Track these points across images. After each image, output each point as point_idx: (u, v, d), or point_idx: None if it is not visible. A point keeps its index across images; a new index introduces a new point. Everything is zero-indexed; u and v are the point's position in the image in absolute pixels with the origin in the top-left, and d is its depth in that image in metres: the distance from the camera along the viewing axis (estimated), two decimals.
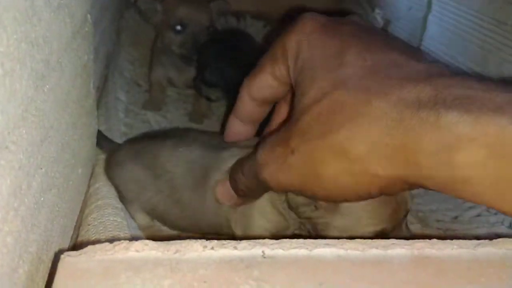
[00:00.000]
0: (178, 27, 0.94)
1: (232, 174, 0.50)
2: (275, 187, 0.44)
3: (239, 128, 0.53)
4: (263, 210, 0.54)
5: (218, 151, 0.57)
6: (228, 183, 0.51)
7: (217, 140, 0.62)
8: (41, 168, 0.37)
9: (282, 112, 0.51)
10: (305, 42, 0.43)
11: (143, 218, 0.63)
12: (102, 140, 0.68)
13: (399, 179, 0.37)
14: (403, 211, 0.50)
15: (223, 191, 0.51)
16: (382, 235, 0.49)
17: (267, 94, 0.49)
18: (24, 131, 0.33)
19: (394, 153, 0.36)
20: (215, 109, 0.99)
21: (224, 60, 0.88)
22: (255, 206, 0.54)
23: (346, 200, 0.42)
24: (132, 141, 0.72)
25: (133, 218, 0.61)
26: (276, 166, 0.43)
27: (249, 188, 0.48)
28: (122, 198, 0.62)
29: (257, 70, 0.49)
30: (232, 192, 0.50)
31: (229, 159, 0.54)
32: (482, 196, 0.34)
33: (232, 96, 0.91)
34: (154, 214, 0.62)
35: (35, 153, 0.36)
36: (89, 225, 0.52)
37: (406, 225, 0.53)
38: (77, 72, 0.50)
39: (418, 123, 0.35)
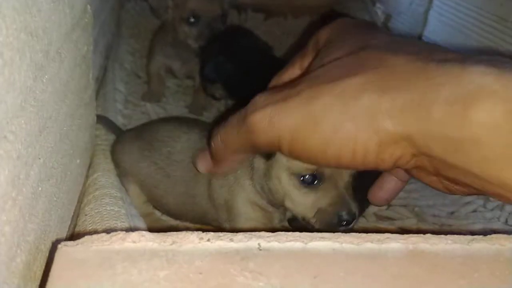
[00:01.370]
0: (192, 19, 0.93)
1: (212, 135, 0.47)
2: (261, 132, 0.41)
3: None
4: (246, 210, 0.56)
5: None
6: (206, 151, 0.49)
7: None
8: (39, 158, 0.38)
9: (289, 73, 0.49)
10: (335, 32, 0.44)
11: (137, 195, 0.66)
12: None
13: (406, 138, 0.36)
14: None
15: (201, 157, 0.50)
16: (319, 176, 0.51)
17: None
18: (22, 121, 0.33)
19: (408, 104, 0.34)
20: (215, 101, 0.99)
21: (223, 56, 0.88)
22: (238, 207, 0.56)
23: (338, 163, 0.39)
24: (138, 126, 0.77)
25: (129, 194, 0.64)
26: (274, 107, 0.40)
27: (227, 141, 0.45)
28: (120, 174, 0.65)
29: (288, 64, 0.49)
30: (209, 158, 0.49)
31: None
32: (490, 163, 0.33)
33: (232, 93, 0.91)
34: (144, 187, 0.65)
35: (34, 143, 0.36)
36: (86, 215, 0.52)
37: (351, 188, 0.53)
38: (76, 63, 0.50)
39: (441, 73, 0.34)
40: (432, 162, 0.36)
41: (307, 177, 0.51)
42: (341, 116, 0.37)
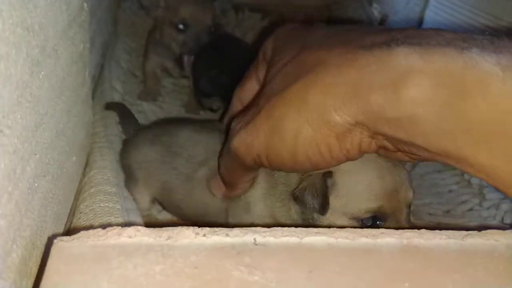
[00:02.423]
0: (181, 26, 0.93)
1: (218, 162, 0.52)
2: (244, 155, 0.44)
3: None
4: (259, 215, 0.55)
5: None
6: (218, 177, 0.53)
7: None
8: (36, 154, 0.38)
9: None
10: (279, 40, 0.47)
11: (144, 201, 0.65)
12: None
13: (356, 125, 0.38)
14: (403, 194, 0.48)
15: (214, 183, 0.54)
16: (380, 216, 0.47)
17: (252, 97, 0.51)
18: (19, 116, 0.33)
19: (348, 96, 0.37)
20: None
21: (216, 69, 0.88)
22: (250, 212, 0.55)
23: (312, 165, 0.41)
24: (149, 126, 0.76)
25: (135, 200, 0.63)
26: (245, 130, 0.43)
27: (227, 168, 0.50)
28: (128, 180, 0.65)
29: (244, 78, 0.52)
30: (221, 183, 0.52)
31: None
32: (432, 137, 0.35)
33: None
34: (162, 192, 0.64)
35: (30, 139, 0.36)
36: (80, 213, 0.52)
37: (409, 218, 0.50)
38: (73, 60, 0.51)
39: (371, 60, 0.36)
40: (389, 140, 0.38)
41: (367, 219, 0.48)
42: (296, 122, 0.40)
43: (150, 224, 0.60)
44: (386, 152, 0.42)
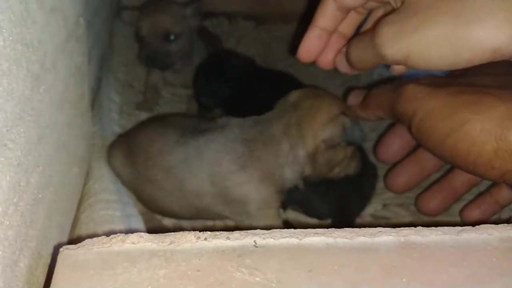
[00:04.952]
0: (141, 38, 0.94)
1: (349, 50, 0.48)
2: (388, 45, 0.41)
3: (315, 41, 0.49)
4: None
5: (190, 138, 0.60)
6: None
7: (194, 123, 0.65)
8: (39, 166, 0.39)
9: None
10: None
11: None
12: None
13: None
14: None
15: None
16: None
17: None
18: (21, 130, 0.34)
19: None
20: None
21: (215, 81, 0.89)
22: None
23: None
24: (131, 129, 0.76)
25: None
26: (401, 23, 0.41)
27: (358, 55, 0.47)
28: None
29: None
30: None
31: (201, 149, 0.58)
32: None
33: (234, 113, 0.92)
34: (132, 190, 0.64)
35: (33, 152, 0.37)
36: (82, 223, 0.53)
37: None
38: (71, 74, 0.52)
39: None
40: None
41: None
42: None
43: (153, 229, 0.61)
44: None
